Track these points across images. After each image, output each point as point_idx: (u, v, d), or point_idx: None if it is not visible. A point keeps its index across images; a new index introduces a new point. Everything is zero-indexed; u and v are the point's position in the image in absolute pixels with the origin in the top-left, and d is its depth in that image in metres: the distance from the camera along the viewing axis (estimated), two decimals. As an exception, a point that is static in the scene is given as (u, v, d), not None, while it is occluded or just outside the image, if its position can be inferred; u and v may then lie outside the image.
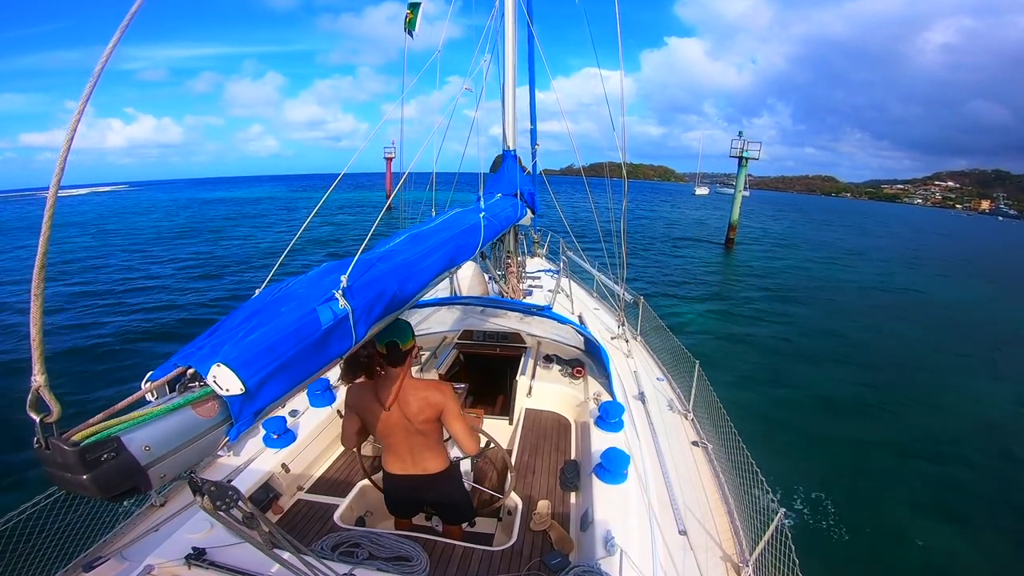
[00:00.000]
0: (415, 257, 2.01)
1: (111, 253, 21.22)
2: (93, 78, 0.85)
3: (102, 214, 43.04)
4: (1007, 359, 10.90)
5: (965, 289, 19.60)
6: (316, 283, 1.51)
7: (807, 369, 9.71)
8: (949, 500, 5.83)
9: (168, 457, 0.97)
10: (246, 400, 1.12)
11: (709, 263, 22.33)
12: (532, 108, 5.12)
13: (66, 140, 0.84)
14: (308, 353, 1.31)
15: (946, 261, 28.97)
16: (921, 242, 39.98)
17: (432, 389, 2.13)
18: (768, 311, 14.04)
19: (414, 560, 2.06)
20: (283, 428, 2.94)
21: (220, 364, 1.08)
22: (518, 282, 5.51)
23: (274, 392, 1.21)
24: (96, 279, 15.89)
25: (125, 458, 0.89)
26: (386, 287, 1.70)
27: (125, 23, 0.92)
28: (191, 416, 1.03)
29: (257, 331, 1.22)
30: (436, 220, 2.75)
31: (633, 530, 2.15)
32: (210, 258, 19.84)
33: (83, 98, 0.85)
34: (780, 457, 6.36)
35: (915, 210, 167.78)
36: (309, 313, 1.35)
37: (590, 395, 3.47)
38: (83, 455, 0.82)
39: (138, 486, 0.92)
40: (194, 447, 1.03)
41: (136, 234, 27.91)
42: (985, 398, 8.79)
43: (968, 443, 7.12)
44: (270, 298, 1.45)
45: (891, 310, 15.09)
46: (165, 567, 1.87)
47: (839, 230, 44.18)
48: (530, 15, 4.54)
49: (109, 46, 0.89)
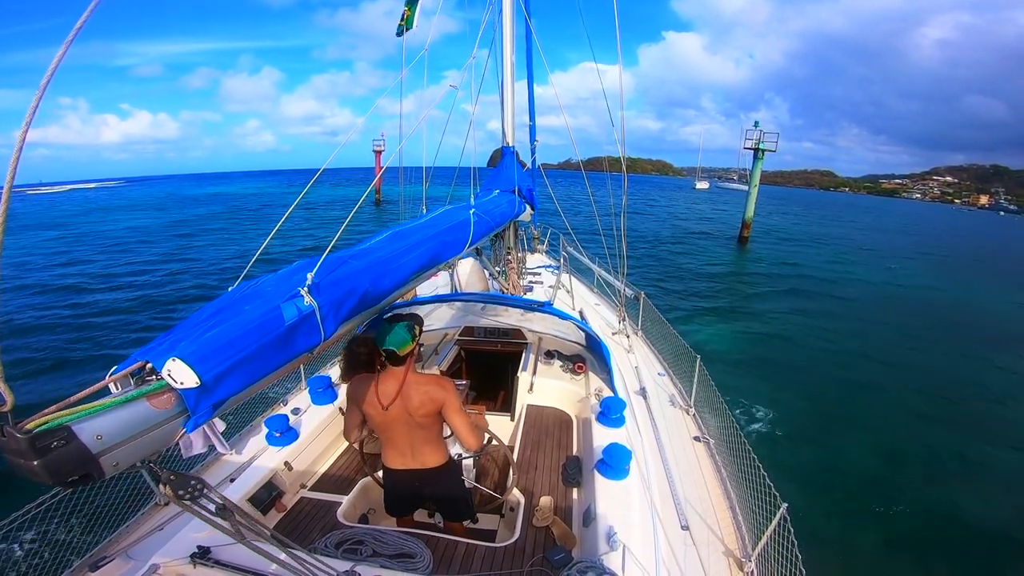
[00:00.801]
0: (392, 254, 2.03)
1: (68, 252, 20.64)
2: (47, 75, 0.86)
3: (72, 212, 41.67)
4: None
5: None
6: (284, 281, 1.55)
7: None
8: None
9: (120, 446, 1.01)
10: (202, 393, 1.16)
11: (722, 263, 20.80)
12: (531, 104, 5.09)
13: (20, 137, 0.88)
14: (271, 348, 1.36)
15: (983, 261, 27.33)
16: (944, 242, 37.78)
17: (433, 384, 2.14)
18: (803, 320, 12.66)
19: (417, 557, 2.06)
20: (285, 426, 2.95)
21: (175, 359, 1.12)
22: (518, 278, 5.51)
23: (234, 386, 1.25)
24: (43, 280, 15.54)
25: (75, 446, 0.93)
26: (357, 284, 1.73)
27: (82, 21, 0.94)
28: (146, 408, 1.08)
29: (218, 327, 1.27)
30: (423, 218, 2.76)
31: (635, 525, 2.16)
32: (167, 262, 18.39)
33: (36, 96, 0.88)
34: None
35: (915, 205, 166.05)
36: (273, 310, 1.40)
37: (591, 391, 3.47)
38: (33, 442, 0.87)
39: (90, 472, 0.97)
40: (148, 437, 1.07)
41: (98, 237, 25.55)
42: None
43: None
44: (237, 295, 1.49)
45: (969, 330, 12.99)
46: (170, 566, 1.88)
47: (846, 226, 43.07)
48: (527, 9, 4.52)
49: (63, 46, 0.90)
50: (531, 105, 5.13)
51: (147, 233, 26.86)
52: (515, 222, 5.03)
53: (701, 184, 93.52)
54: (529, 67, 4.92)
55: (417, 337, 2.10)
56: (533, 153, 5.26)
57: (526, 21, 4.58)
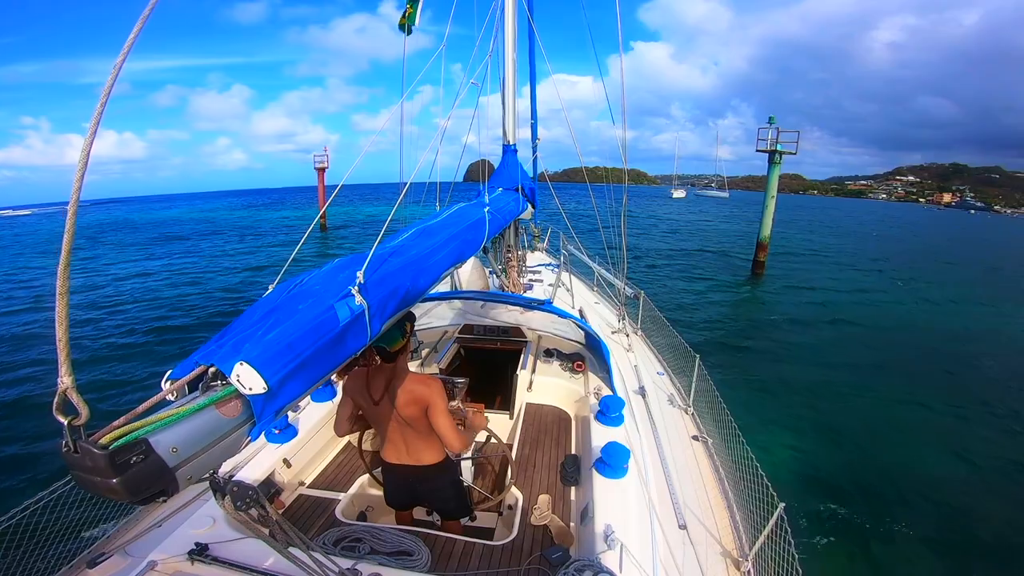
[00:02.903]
0: (426, 252, 1.98)
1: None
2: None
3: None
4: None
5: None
6: (332, 279, 1.49)
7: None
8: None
9: (195, 458, 0.96)
10: (268, 399, 1.10)
11: (733, 306, 14.51)
12: (533, 104, 5.11)
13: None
14: (326, 350, 1.30)
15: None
16: (955, 249, 32.91)
17: (420, 383, 2.13)
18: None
19: (416, 554, 2.07)
20: (284, 423, 2.95)
21: (243, 362, 1.06)
22: (518, 276, 5.51)
23: (295, 390, 1.20)
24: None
25: (154, 460, 0.88)
26: (399, 283, 1.68)
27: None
28: (215, 416, 1.02)
29: (276, 329, 1.21)
30: (441, 214, 2.72)
31: (633, 524, 2.16)
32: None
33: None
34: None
35: (885, 205, 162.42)
36: (327, 310, 1.34)
37: (590, 389, 3.48)
38: (113, 458, 0.81)
39: (166, 488, 0.91)
40: (219, 447, 1.02)
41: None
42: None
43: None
44: (285, 295, 1.43)
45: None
46: (168, 562, 1.88)
47: (841, 235, 39.02)
48: (530, 9, 4.52)
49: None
50: (533, 105, 5.13)
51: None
52: (516, 220, 5.03)
53: (678, 193, 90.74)
54: (532, 68, 4.93)
55: (408, 334, 2.10)
56: (535, 152, 5.26)
57: (528, 22, 4.58)
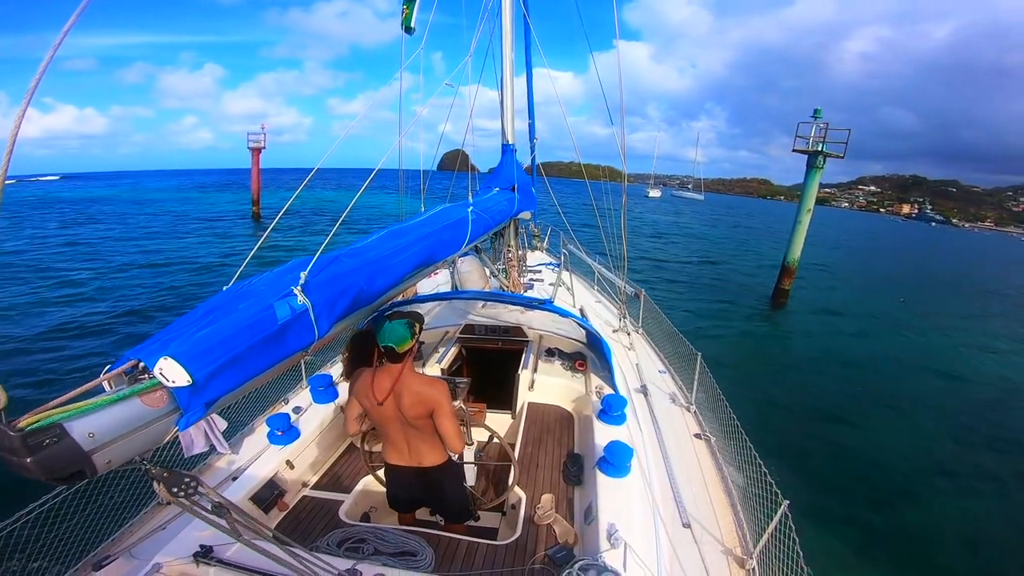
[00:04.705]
0: (387, 253, 2.04)
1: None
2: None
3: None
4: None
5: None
6: (277, 280, 1.56)
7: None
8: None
9: (113, 444, 1.03)
10: (195, 391, 1.17)
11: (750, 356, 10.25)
12: (530, 101, 5.09)
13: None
14: (263, 347, 1.38)
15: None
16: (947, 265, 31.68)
17: (426, 385, 2.13)
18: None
19: (419, 555, 2.07)
20: (287, 425, 2.95)
21: (167, 357, 1.14)
22: (519, 276, 5.50)
23: (226, 384, 1.27)
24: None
25: (68, 443, 0.95)
26: (351, 283, 1.74)
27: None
28: (138, 406, 1.10)
29: (210, 326, 1.28)
30: (420, 216, 2.76)
31: (637, 523, 2.16)
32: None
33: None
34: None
35: (847, 214, 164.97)
36: (265, 309, 1.41)
37: (592, 388, 3.47)
38: (25, 440, 0.89)
39: (83, 470, 0.98)
40: (141, 435, 1.09)
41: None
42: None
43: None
44: (231, 295, 1.50)
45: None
46: (173, 565, 1.88)
47: (831, 247, 35.12)
48: (527, 7, 4.51)
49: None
50: (530, 102, 5.12)
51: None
52: (515, 220, 5.02)
53: (653, 192, 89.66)
54: (528, 65, 4.92)
55: (417, 335, 2.10)
56: (533, 151, 5.25)
57: (525, 19, 4.57)
